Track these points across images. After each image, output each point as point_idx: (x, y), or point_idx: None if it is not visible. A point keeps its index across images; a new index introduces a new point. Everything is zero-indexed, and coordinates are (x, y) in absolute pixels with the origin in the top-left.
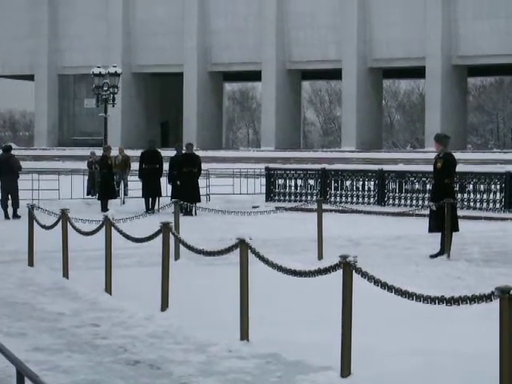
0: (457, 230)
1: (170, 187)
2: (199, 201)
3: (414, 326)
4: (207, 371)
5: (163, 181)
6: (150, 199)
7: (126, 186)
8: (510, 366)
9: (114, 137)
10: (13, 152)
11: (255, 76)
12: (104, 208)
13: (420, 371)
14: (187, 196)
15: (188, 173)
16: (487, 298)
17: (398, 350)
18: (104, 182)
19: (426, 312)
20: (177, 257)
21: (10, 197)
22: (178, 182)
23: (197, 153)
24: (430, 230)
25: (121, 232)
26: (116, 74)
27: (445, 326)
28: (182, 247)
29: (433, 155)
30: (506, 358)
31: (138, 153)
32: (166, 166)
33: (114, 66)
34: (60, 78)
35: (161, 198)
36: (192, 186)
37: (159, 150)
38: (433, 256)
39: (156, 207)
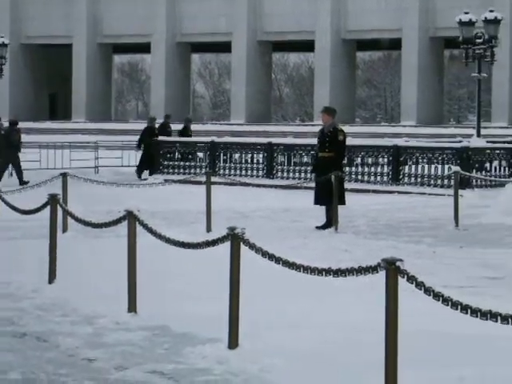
0: (343, 203)
1: None
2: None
3: (301, 298)
4: (95, 343)
5: None
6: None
7: None
8: (394, 337)
9: (1, 108)
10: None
11: (145, 48)
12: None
13: (308, 343)
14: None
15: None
16: (373, 269)
17: (286, 322)
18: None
19: (313, 284)
20: (65, 229)
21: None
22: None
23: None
24: (316, 202)
25: (7, 204)
26: (3, 45)
27: (332, 298)
28: (70, 219)
29: None
30: (392, 328)
31: (27, 124)
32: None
33: (2, 37)
34: None
35: None
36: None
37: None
38: (319, 227)
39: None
